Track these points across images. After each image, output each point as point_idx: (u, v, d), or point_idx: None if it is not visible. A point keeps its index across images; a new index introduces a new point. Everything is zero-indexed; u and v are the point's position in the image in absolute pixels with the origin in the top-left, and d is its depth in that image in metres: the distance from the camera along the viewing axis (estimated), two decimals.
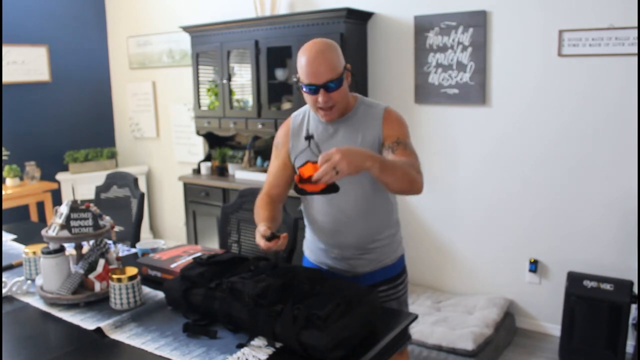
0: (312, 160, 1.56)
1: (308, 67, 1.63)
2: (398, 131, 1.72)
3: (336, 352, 1.34)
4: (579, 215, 3.10)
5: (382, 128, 1.72)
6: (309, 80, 1.64)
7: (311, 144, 1.77)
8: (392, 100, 3.63)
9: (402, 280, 1.93)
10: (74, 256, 1.90)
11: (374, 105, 1.79)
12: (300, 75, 1.67)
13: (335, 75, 1.63)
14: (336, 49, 1.68)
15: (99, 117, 5.29)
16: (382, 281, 1.87)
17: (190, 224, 4.28)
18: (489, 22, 3.22)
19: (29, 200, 4.35)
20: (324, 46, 1.65)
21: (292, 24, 3.60)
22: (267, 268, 1.65)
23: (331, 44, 1.67)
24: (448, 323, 3.07)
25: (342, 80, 1.66)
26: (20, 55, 4.59)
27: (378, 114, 1.75)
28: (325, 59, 1.62)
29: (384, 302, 1.88)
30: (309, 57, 1.63)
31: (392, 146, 1.69)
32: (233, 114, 4.07)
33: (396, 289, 1.91)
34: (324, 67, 1.62)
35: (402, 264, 1.95)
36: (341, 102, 1.70)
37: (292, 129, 1.84)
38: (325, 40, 1.68)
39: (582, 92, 3.00)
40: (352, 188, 1.74)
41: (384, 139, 1.71)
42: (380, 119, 1.73)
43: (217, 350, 1.44)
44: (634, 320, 2.82)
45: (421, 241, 3.61)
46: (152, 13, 4.89)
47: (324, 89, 1.64)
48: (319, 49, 1.64)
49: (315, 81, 1.63)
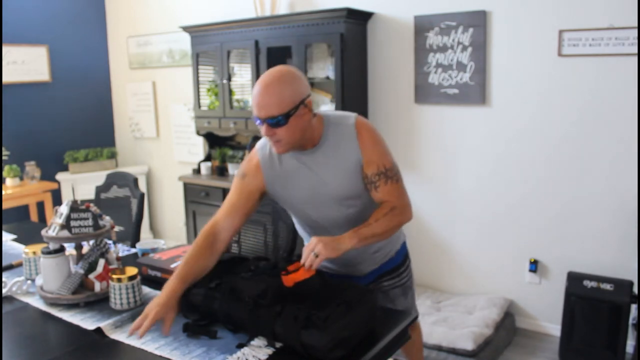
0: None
1: (254, 99, 1.55)
2: (376, 154, 1.66)
3: (336, 352, 1.34)
4: (578, 215, 3.10)
5: (359, 149, 1.65)
6: (254, 112, 1.57)
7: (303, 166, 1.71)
8: (392, 100, 3.63)
9: (405, 267, 1.95)
10: (74, 256, 1.90)
11: (342, 121, 1.69)
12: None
13: (279, 112, 1.52)
14: (290, 82, 1.55)
15: (99, 117, 5.29)
16: (386, 272, 1.90)
17: (190, 224, 4.28)
18: (489, 22, 3.22)
19: (29, 200, 4.35)
20: (275, 79, 1.54)
21: (292, 24, 3.60)
22: (267, 268, 1.65)
23: (285, 77, 1.55)
24: (448, 323, 3.07)
25: (288, 116, 1.53)
26: (20, 55, 4.59)
27: (350, 133, 1.66)
28: (270, 94, 1.52)
29: (387, 290, 1.89)
30: (257, 89, 1.55)
31: (375, 181, 1.66)
32: (233, 114, 4.07)
33: (400, 277, 1.93)
34: (267, 102, 1.52)
35: (404, 251, 1.97)
36: (289, 138, 1.58)
37: (263, 162, 1.74)
38: (281, 72, 1.56)
39: (582, 92, 3.00)
40: (344, 218, 1.72)
41: (364, 165, 1.66)
42: (354, 139, 1.66)
43: (217, 350, 1.44)
44: (634, 320, 2.82)
45: (421, 241, 3.61)
46: (152, 13, 4.89)
47: (267, 124, 1.55)
48: (269, 82, 1.54)
49: (257, 114, 1.55)
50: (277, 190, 1.75)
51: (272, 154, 1.72)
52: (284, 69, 1.58)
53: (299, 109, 1.55)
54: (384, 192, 1.66)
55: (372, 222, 1.60)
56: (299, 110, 1.56)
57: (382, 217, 1.61)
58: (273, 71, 1.57)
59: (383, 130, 3.68)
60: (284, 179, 1.72)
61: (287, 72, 1.57)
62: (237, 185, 1.76)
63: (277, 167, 1.72)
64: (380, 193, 1.66)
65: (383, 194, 1.66)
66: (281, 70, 1.57)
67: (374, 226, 1.59)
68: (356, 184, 1.68)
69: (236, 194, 1.74)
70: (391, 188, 1.66)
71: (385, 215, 1.61)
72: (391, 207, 1.64)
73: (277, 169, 1.72)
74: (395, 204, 1.65)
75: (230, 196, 1.75)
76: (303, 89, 1.58)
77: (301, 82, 1.58)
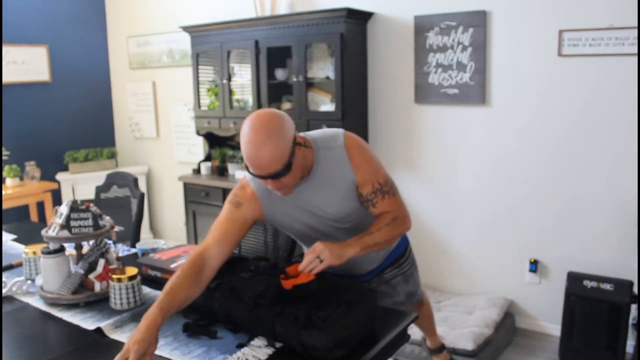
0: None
1: (248, 160, 1.49)
2: (370, 173, 1.65)
3: (336, 352, 1.34)
4: (579, 215, 3.10)
5: (352, 173, 1.63)
6: (252, 171, 1.51)
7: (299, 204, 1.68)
8: (392, 100, 3.63)
9: (406, 257, 1.98)
10: (74, 256, 1.90)
11: (331, 144, 1.65)
12: (243, 157, 1.52)
13: (280, 166, 1.48)
14: (279, 133, 1.47)
15: (99, 117, 5.29)
16: (388, 265, 1.94)
17: (190, 224, 4.28)
18: (489, 22, 3.22)
19: (29, 200, 4.35)
20: (264, 136, 1.45)
21: (292, 24, 3.60)
22: (267, 268, 1.65)
23: (273, 129, 1.47)
24: (448, 323, 3.07)
25: (290, 164, 1.49)
26: (20, 55, 4.59)
27: (341, 155, 1.63)
28: (267, 152, 1.45)
29: (389, 279, 1.92)
30: (249, 149, 1.47)
31: (372, 199, 1.66)
32: (233, 114, 4.07)
33: (401, 267, 1.96)
34: (266, 161, 1.46)
35: (404, 242, 2.00)
36: (294, 181, 1.57)
37: (259, 192, 1.68)
38: (267, 126, 1.47)
39: (582, 92, 3.00)
40: (345, 234, 1.72)
41: (359, 185, 1.65)
42: (346, 161, 1.63)
43: (217, 350, 1.44)
44: (634, 320, 2.82)
45: (421, 241, 3.61)
46: (152, 13, 4.89)
47: (270, 179, 1.52)
48: (260, 141, 1.45)
49: (258, 173, 1.50)
50: (276, 220, 1.73)
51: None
52: (267, 118, 1.49)
53: (295, 152, 1.52)
54: (382, 207, 1.68)
55: (374, 231, 1.62)
56: (295, 152, 1.52)
57: (384, 227, 1.63)
58: (258, 126, 1.47)
59: (383, 130, 3.69)
60: (282, 209, 1.69)
61: (274, 123, 1.48)
62: (230, 214, 1.67)
63: (274, 197, 1.66)
64: (379, 209, 1.68)
65: (382, 208, 1.68)
66: (267, 124, 1.47)
67: (376, 235, 1.61)
68: (352, 204, 1.68)
69: (229, 223, 1.66)
70: (389, 202, 1.68)
71: (387, 225, 1.64)
72: (393, 218, 1.66)
73: (274, 199, 1.67)
74: (396, 215, 1.68)
75: (222, 224, 1.66)
76: (291, 130, 1.52)
77: (286, 124, 1.51)
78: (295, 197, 1.66)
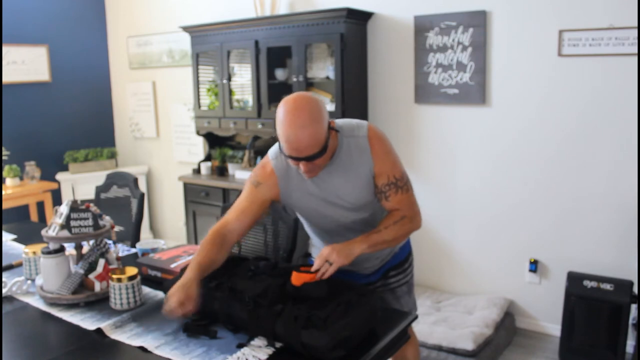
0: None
1: (288, 141, 1.52)
2: (387, 165, 1.68)
3: (336, 352, 1.34)
4: (579, 215, 3.10)
5: (372, 161, 1.67)
6: (289, 153, 1.55)
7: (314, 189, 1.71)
8: (392, 100, 3.63)
9: (409, 263, 1.98)
10: (74, 256, 1.90)
11: (355, 133, 1.69)
12: (280, 138, 1.55)
13: (318, 149, 1.52)
14: (320, 115, 1.53)
15: (99, 117, 5.29)
16: (392, 267, 1.93)
17: (190, 224, 4.28)
18: (489, 22, 3.22)
19: (29, 200, 4.35)
20: (307, 118, 1.50)
21: (292, 24, 3.60)
22: (267, 268, 1.65)
23: (315, 112, 1.52)
24: (448, 323, 3.07)
25: (325, 148, 1.54)
26: (20, 55, 4.59)
27: (363, 145, 1.67)
28: (308, 135, 1.50)
29: (394, 288, 1.92)
30: (289, 132, 1.50)
31: (385, 191, 1.68)
32: (233, 114, 4.07)
33: (405, 273, 1.96)
34: (306, 143, 1.50)
35: (408, 247, 2.00)
36: (324, 163, 1.62)
37: (278, 172, 1.72)
38: (308, 107, 1.51)
39: (582, 92, 3.00)
40: (358, 224, 1.76)
41: (375, 176, 1.68)
42: (368, 152, 1.67)
43: (217, 350, 1.44)
44: (634, 320, 2.82)
45: (421, 241, 3.61)
46: (152, 13, 4.89)
47: (306, 161, 1.55)
48: (302, 124, 1.49)
49: (297, 155, 1.54)
50: (292, 201, 1.75)
51: (288, 165, 1.69)
52: (309, 103, 1.53)
53: (329, 135, 1.57)
54: (394, 201, 1.69)
55: (382, 229, 1.64)
56: (329, 136, 1.58)
57: (392, 225, 1.65)
58: (300, 108, 1.51)
59: (383, 130, 3.68)
60: (299, 191, 1.72)
61: (314, 106, 1.53)
62: (249, 193, 1.74)
63: (294, 178, 1.71)
64: (391, 202, 1.70)
65: (394, 203, 1.70)
66: (308, 107, 1.52)
67: (384, 233, 1.63)
68: (368, 194, 1.71)
69: (248, 201, 1.73)
70: (401, 198, 1.70)
71: (396, 223, 1.66)
72: (401, 216, 1.68)
73: (293, 180, 1.71)
74: (406, 213, 1.69)
75: (242, 202, 1.75)
76: (327, 116, 1.57)
77: (324, 108, 1.57)
78: (313, 182, 1.69)
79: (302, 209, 1.77)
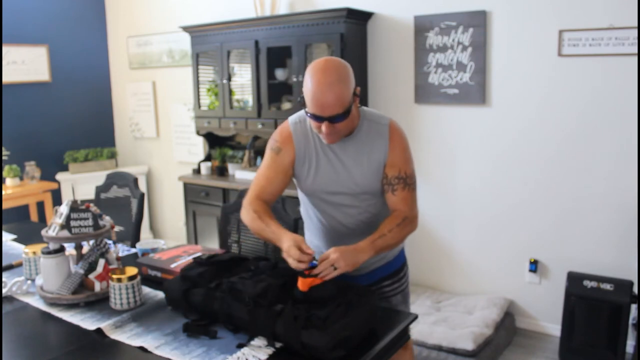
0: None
1: (314, 98, 1.55)
2: (401, 159, 1.72)
3: (336, 352, 1.34)
4: (579, 215, 3.10)
5: (387, 148, 1.70)
6: (313, 111, 1.57)
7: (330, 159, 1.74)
8: (392, 100, 3.63)
9: (404, 273, 1.96)
10: (74, 256, 1.90)
11: (377, 120, 1.74)
12: (305, 98, 1.59)
13: (342, 110, 1.56)
14: (347, 77, 1.58)
15: (99, 117, 5.29)
16: (386, 276, 1.90)
17: (190, 224, 4.28)
18: (489, 22, 3.22)
19: (29, 200, 4.35)
20: (335, 77, 1.55)
21: (292, 24, 3.60)
22: (267, 268, 1.65)
23: (342, 73, 1.57)
24: (448, 323, 3.07)
25: (349, 111, 1.58)
26: (20, 55, 4.59)
27: (383, 131, 1.72)
28: (333, 93, 1.53)
29: (389, 297, 1.90)
30: (316, 89, 1.54)
31: (393, 183, 1.71)
32: (233, 114, 4.07)
33: (400, 282, 1.93)
34: (331, 102, 1.54)
35: (402, 257, 1.98)
36: (345, 129, 1.65)
37: (297, 139, 1.75)
38: (337, 68, 1.57)
39: (582, 92, 3.00)
40: (357, 211, 1.77)
41: (386, 165, 1.71)
42: (386, 139, 1.71)
43: (217, 350, 1.44)
44: (634, 320, 2.82)
45: (421, 241, 3.61)
46: (152, 13, 4.89)
47: (328, 121, 1.58)
48: (329, 82, 1.54)
49: (320, 113, 1.56)
50: (303, 168, 1.77)
51: (306, 131, 1.75)
52: (338, 65, 1.58)
53: (354, 100, 1.61)
54: (399, 197, 1.71)
55: (386, 233, 1.64)
56: (354, 101, 1.62)
57: (396, 227, 1.66)
58: (329, 68, 1.56)
59: None
60: (311, 159, 1.75)
61: (343, 68, 1.58)
62: (271, 161, 1.77)
63: (310, 144, 1.75)
64: (396, 197, 1.71)
65: (398, 198, 1.71)
66: (337, 68, 1.57)
67: (388, 237, 1.63)
68: (375, 181, 1.73)
69: (272, 170, 1.77)
70: (407, 195, 1.71)
71: (398, 226, 1.66)
72: (403, 217, 1.69)
73: (309, 146, 1.75)
74: (407, 214, 1.70)
75: (266, 171, 1.77)
76: (353, 79, 1.62)
77: (351, 73, 1.61)
78: (326, 153, 1.73)
79: (308, 179, 1.77)
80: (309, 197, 1.83)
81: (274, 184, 1.77)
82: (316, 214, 1.85)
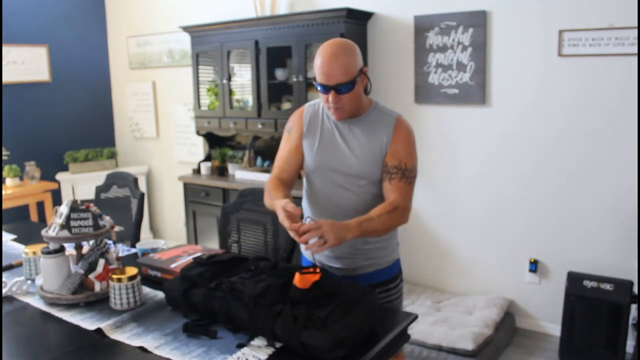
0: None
1: (321, 68, 1.66)
2: (403, 152, 1.76)
3: (336, 352, 1.34)
4: (579, 215, 3.10)
5: (390, 138, 1.75)
6: (321, 81, 1.68)
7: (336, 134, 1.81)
8: (392, 101, 3.63)
9: (396, 284, 1.91)
10: (74, 256, 1.90)
11: (387, 112, 1.82)
12: (315, 72, 1.70)
13: (346, 79, 1.65)
14: (353, 52, 1.69)
15: (99, 117, 5.29)
16: (377, 284, 1.85)
17: (190, 224, 4.28)
18: (489, 22, 3.22)
19: (29, 200, 4.35)
20: (340, 49, 1.66)
21: (292, 24, 3.60)
22: (267, 268, 1.65)
23: (348, 47, 1.68)
24: (448, 323, 3.07)
25: (354, 84, 1.67)
26: (20, 55, 4.59)
27: (390, 121, 1.78)
28: (339, 63, 1.64)
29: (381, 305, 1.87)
30: (324, 58, 1.66)
31: (393, 172, 1.74)
32: (233, 114, 4.07)
33: (389, 293, 1.88)
34: (336, 70, 1.64)
35: (397, 267, 1.93)
36: (351, 104, 1.72)
37: (307, 116, 1.87)
38: (343, 43, 1.69)
39: (582, 92, 3.00)
40: (354, 196, 1.78)
41: (388, 155, 1.75)
42: (391, 128, 1.77)
43: (217, 350, 1.44)
44: (634, 320, 2.82)
45: (421, 241, 3.61)
46: (152, 13, 4.89)
47: (334, 91, 1.67)
48: (334, 52, 1.66)
49: (326, 82, 1.66)
50: (308, 139, 1.84)
51: (318, 110, 1.85)
52: (345, 41, 1.71)
53: (360, 77, 1.70)
54: (396, 186, 1.73)
55: (375, 218, 1.64)
56: (360, 77, 1.70)
57: (385, 215, 1.66)
58: (336, 42, 1.69)
59: None
60: (316, 132, 1.83)
61: (349, 44, 1.70)
62: (285, 141, 1.90)
63: (319, 121, 1.84)
64: (393, 186, 1.73)
65: (394, 188, 1.73)
66: (343, 42, 1.70)
67: (376, 222, 1.64)
68: (373, 167, 1.76)
69: (286, 150, 1.88)
70: (403, 186, 1.74)
71: (388, 214, 1.67)
72: (395, 207, 1.69)
73: (317, 121, 1.84)
74: (399, 204, 1.70)
75: (280, 152, 1.90)
76: (361, 58, 1.72)
77: (359, 52, 1.72)
78: (333, 132, 1.80)
79: (312, 155, 1.82)
80: (312, 173, 1.86)
81: (289, 161, 1.87)
82: (314, 199, 1.87)
